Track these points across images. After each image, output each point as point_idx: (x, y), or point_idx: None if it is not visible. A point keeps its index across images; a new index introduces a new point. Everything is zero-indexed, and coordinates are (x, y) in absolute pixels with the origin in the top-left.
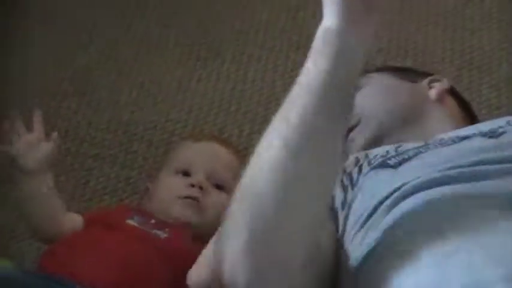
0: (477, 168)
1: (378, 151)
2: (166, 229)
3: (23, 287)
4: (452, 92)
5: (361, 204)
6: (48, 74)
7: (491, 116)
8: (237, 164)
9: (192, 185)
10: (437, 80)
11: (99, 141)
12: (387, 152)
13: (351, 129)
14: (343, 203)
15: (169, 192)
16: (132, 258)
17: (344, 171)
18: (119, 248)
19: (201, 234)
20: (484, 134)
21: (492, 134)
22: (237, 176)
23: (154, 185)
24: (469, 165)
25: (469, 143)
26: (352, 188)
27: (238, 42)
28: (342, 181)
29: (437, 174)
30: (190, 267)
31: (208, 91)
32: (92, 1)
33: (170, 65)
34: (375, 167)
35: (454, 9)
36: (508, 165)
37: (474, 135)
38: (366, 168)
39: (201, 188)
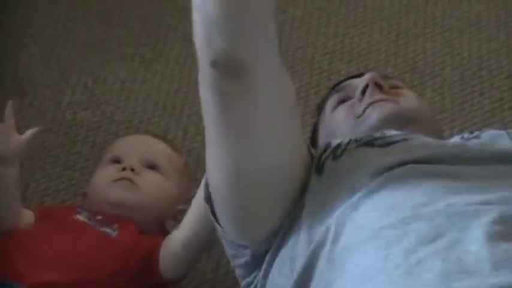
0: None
1: (364, 135)
2: (115, 224)
3: None
4: None
5: (343, 176)
6: None
7: None
8: (170, 153)
9: (124, 169)
10: None
11: (41, 141)
12: (372, 136)
13: (385, 100)
14: (318, 168)
15: (104, 180)
16: (80, 258)
17: (325, 148)
18: (67, 247)
19: (143, 226)
20: (461, 135)
21: (468, 137)
22: (172, 161)
23: (90, 182)
24: (454, 154)
25: (452, 140)
26: (334, 159)
27: (182, 44)
28: (320, 154)
29: (425, 155)
30: (142, 263)
31: (153, 92)
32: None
33: (114, 66)
34: (360, 145)
35: (398, 14)
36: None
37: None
38: (352, 144)
39: (132, 170)
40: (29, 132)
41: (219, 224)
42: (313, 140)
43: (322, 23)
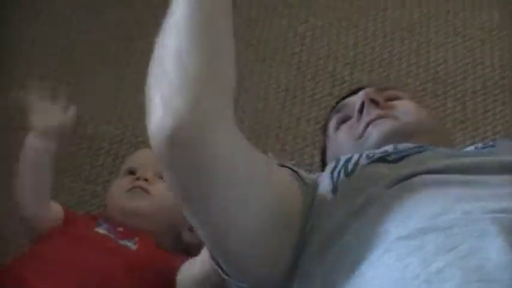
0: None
1: (376, 151)
2: (136, 238)
3: None
4: None
5: (357, 189)
6: None
7: (455, 130)
8: None
9: (138, 179)
10: None
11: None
12: (386, 150)
13: (382, 117)
14: (333, 188)
15: (118, 190)
16: (96, 272)
17: (335, 164)
18: (84, 261)
19: (160, 237)
20: (475, 145)
21: (486, 144)
22: None
23: (108, 193)
24: (468, 164)
25: (466, 149)
26: (346, 175)
27: None
28: (331, 173)
29: (439, 166)
30: (159, 277)
31: None
32: None
33: (137, 77)
34: (374, 161)
35: (419, 24)
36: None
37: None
38: (364, 160)
39: (146, 180)
40: (71, 113)
41: (226, 274)
42: (323, 162)
43: (343, 33)
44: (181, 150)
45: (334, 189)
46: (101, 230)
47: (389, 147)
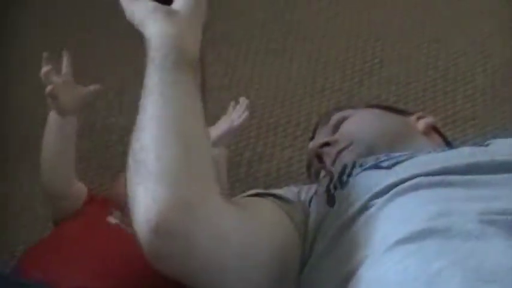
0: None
1: (368, 159)
2: None
3: None
4: (437, 129)
5: (353, 197)
6: None
7: (466, 127)
8: None
9: None
10: (424, 116)
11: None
12: (378, 157)
13: (341, 151)
14: (329, 201)
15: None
16: (113, 265)
17: (330, 178)
18: (100, 252)
19: None
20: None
21: (480, 144)
22: None
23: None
24: (464, 165)
25: (460, 149)
26: (342, 188)
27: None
28: (327, 186)
29: (435, 168)
30: None
31: None
32: None
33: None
34: (366, 169)
35: (430, 22)
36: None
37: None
38: (357, 169)
39: None
40: (88, 88)
41: None
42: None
43: (354, 28)
44: (169, 240)
45: (332, 202)
46: (112, 220)
47: (381, 155)
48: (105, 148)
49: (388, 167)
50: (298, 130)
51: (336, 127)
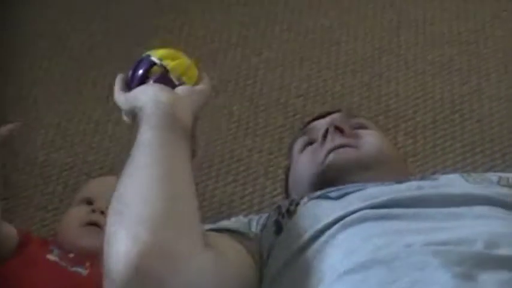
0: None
1: (317, 192)
2: (87, 263)
3: None
4: None
5: (302, 226)
6: None
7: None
8: None
9: (94, 211)
10: None
11: (14, 181)
12: (326, 190)
13: (345, 146)
14: (277, 230)
15: (73, 222)
16: None
17: (279, 211)
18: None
19: None
20: (418, 179)
21: (426, 178)
22: None
23: (62, 220)
24: (411, 198)
25: (408, 183)
26: (290, 217)
27: None
28: (276, 218)
29: (382, 201)
30: None
31: (126, 134)
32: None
33: (88, 107)
34: (314, 198)
35: (371, 58)
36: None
37: (409, 180)
38: (304, 199)
39: (102, 212)
40: (5, 127)
41: None
42: (286, 182)
43: (296, 66)
44: (146, 282)
45: (279, 231)
46: (52, 257)
47: (331, 188)
48: (47, 184)
49: (337, 198)
50: (241, 166)
51: (354, 128)
